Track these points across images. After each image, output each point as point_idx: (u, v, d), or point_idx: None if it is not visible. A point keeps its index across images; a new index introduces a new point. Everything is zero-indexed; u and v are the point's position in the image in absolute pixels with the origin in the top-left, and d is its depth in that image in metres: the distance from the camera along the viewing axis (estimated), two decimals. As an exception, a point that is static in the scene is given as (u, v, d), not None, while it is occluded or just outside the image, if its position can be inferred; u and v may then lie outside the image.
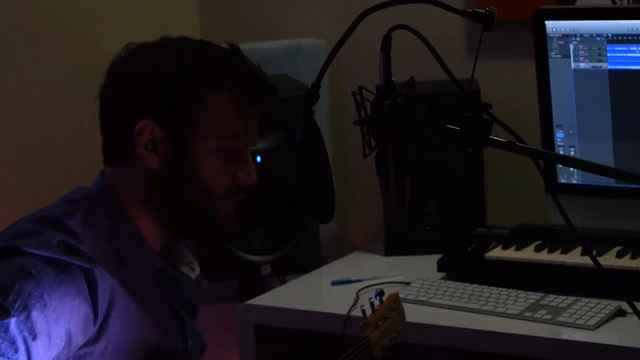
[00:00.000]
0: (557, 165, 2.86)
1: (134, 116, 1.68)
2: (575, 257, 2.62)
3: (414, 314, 2.53)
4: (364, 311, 2.12)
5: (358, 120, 1.76)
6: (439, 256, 2.88)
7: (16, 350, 1.42)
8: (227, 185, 1.71)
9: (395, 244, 3.13)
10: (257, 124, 1.76)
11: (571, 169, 2.84)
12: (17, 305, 1.46)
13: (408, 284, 2.74)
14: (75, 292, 1.54)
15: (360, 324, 2.11)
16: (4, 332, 1.42)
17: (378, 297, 2.18)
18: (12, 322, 1.43)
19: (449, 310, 2.56)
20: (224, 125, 1.70)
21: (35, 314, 1.47)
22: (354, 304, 2.60)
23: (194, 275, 1.85)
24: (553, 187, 2.79)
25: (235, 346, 2.85)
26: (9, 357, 1.40)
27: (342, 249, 3.36)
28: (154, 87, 1.67)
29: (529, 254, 2.71)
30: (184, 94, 1.67)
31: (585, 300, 2.46)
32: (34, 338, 1.45)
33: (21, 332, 1.44)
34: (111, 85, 1.72)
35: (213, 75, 1.68)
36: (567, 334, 2.34)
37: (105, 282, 1.60)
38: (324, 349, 2.06)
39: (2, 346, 1.40)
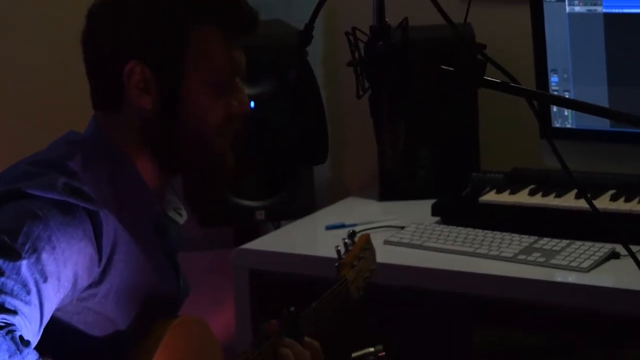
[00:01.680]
0: (552, 109, 2.86)
1: (121, 58, 1.67)
2: (570, 201, 2.62)
3: (408, 257, 2.55)
4: (338, 252, 2.14)
5: (352, 61, 1.75)
6: (433, 201, 2.88)
7: (28, 292, 1.41)
8: (221, 117, 1.71)
9: (390, 189, 3.14)
10: (245, 55, 1.75)
11: (565, 113, 2.84)
12: (27, 247, 1.45)
13: (402, 228, 2.75)
14: (82, 234, 1.54)
15: (336, 264, 2.12)
16: (16, 274, 1.41)
17: (350, 238, 2.18)
18: (24, 264, 1.43)
19: (443, 253, 2.57)
20: (211, 58, 1.69)
21: (45, 256, 1.46)
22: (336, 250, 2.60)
23: (181, 220, 1.86)
24: (547, 131, 2.79)
25: (230, 291, 2.86)
26: (21, 299, 1.40)
27: (336, 195, 3.36)
28: (139, 27, 1.66)
29: (523, 197, 2.71)
30: (169, 30, 1.66)
31: (579, 243, 2.47)
32: (45, 280, 1.45)
33: (32, 274, 1.43)
34: (94, 30, 1.71)
35: (196, 9, 1.68)
36: (561, 277, 2.35)
37: (109, 225, 1.60)
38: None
39: (15, 288, 1.40)
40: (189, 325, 1.73)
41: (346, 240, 2.16)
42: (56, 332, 1.56)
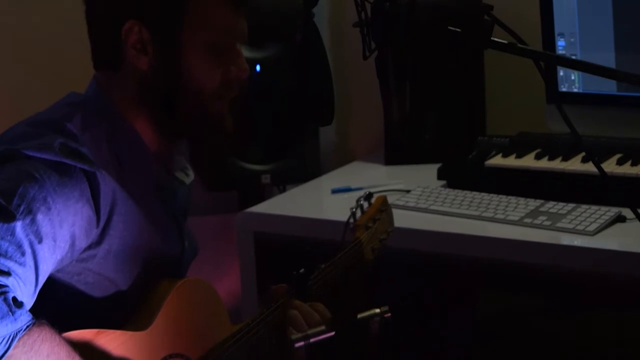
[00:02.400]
0: (558, 73, 2.84)
1: (120, 18, 1.66)
2: (576, 165, 2.62)
3: (413, 220, 2.54)
4: (353, 214, 2.12)
5: (358, 22, 1.74)
6: (438, 165, 2.88)
7: (23, 254, 1.40)
8: (218, 81, 1.70)
9: (395, 153, 3.13)
10: (246, 20, 1.74)
11: (572, 77, 2.83)
12: (21, 208, 1.44)
13: (408, 191, 2.74)
14: (79, 195, 1.53)
15: (350, 226, 2.11)
16: (10, 235, 1.40)
17: (367, 200, 2.18)
18: (18, 225, 1.42)
19: (449, 217, 2.56)
20: (211, 20, 1.68)
21: (40, 217, 1.45)
22: (351, 211, 2.59)
23: (188, 180, 1.85)
24: (554, 95, 2.78)
25: (235, 256, 2.86)
26: (16, 260, 1.39)
27: (342, 160, 3.36)
28: None
29: (529, 161, 2.70)
30: None
31: (584, 206, 2.46)
32: (40, 241, 1.44)
33: (27, 235, 1.42)
34: None
35: None
36: (567, 240, 2.35)
37: (107, 185, 1.59)
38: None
39: (9, 249, 1.39)
40: (193, 286, 1.73)
41: (362, 202, 2.15)
42: (57, 293, 1.56)
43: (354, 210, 2.12)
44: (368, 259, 2.10)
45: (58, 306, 1.53)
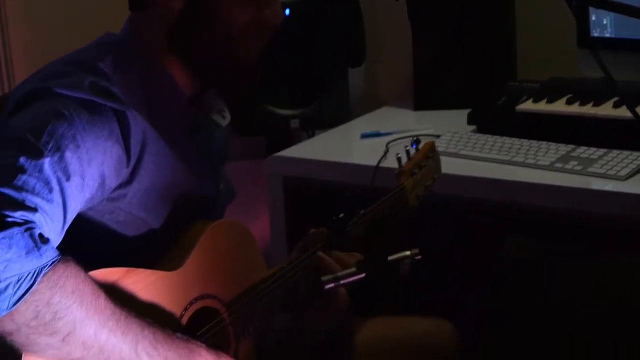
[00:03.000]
0: (590, 18, 2.81)
1: None
2: (608, 110, 2.59)
3: (443, 165, 2.52)
4: (399, 159, 2.10)
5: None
6: (469, 111, 2.87)
7: (50, 191, 1.40)
8: (252, 26, 1.69)
9: (425, 98, 3.12)
10: None
11: (605, 22, 2.80)
12: (50, 146, 1.43)
13: (438, 136, 2.73)
14: (108, 134, 1.53)
15: (396, 172, 2.10)
16: (38, 172, 1.39)
17: (415, 146, 2.16)
18: (46, 162, 1.41)
19: (479, 162, 2.55)
20: None
21: (68, 155, 1.45)
22: (384, 156, 2.59)
23: (224, 123, 1.85)
24: (586, 40, 2.75)
25: (264, 201, 2.87)
26: (43, 197, 1.38)
27: (371, 106, 3.35)
28: None
29: (560, 106, 2.68)
30: None
31: (616, 152, 2.44)
32: (68, 179, 1.44)
33: (55, 172, 1.42)
34: None
35: None
36: (598, 185, 2.33)
37: (138, 125, 1.59)
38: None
39: (37, 186, 1.38)
40: (228, 227, 1.73)
41: (409, 148, 2.13)
42: (90, 232, 1.57)
43: (399, 156, 2.11)
44: (412, 206, 2.09)
45: (91, 245, 1.54)
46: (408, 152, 2.12)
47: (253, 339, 1.76)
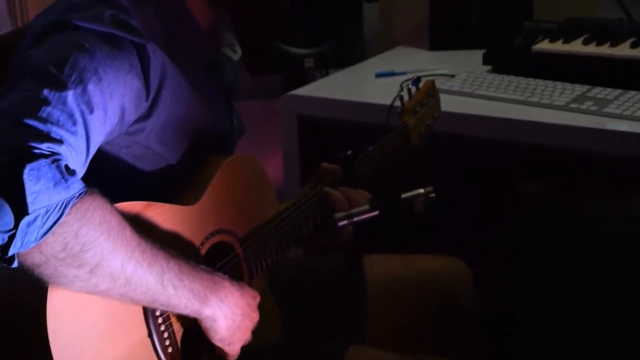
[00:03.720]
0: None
1: None
2: (625, 50, 2.57)
3: (458, 105, 2.53)
4: (401, 97, 2.11)
5: None
6: (484, 51, 2.85)
7: (74, 123, 1.39)
8: None
9: (440, 38, 3.11)
10: None
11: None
12: (73, 78, 1.42)
13: (453, 76, 2.72)
14: (129, 67, 1.51)
15: (398, 110, 2.10)
16: (62, 104, 1.38)
17: (415, 84, 2.16)
18: (70, 94, 1.39)
19: (494, 101, 2.54)
20: None
21: (91, 87, 1.43)
22: (398, 95, 2.58)
23: (235, 57, 1.84)
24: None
25: (277, 141, 2.87)
26: (67, 129, 1.38)
27: (385, 45, 3.33)
28: None
29: (576, 46, 2.67)
30: None
31: (632, 92, 2.43)
32: (91, 111, 1.42)
33: (78, 105, 1.40)
34: None
35: None
36: (613, 125, 2.32)
37: (157, 59, 1.57)
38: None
39: (61, 118, 1.37)
40: (242, 162, 1.74)
41: (410, 86, 2.13)
42: (106, 166, 1.57)
43: (401, 94, 2.11)
44: (414, 144, 2.10)
45: (106, 180, 1.53)
46: (409, 91, 2.13)
47: (265, 274, 1.77)
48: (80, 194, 1.31)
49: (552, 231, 2.39)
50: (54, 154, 1.30)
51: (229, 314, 1.52)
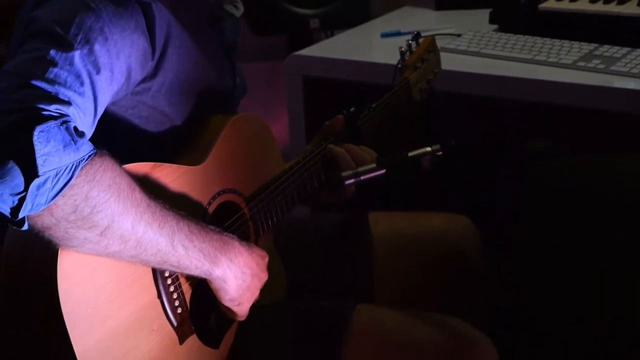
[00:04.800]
0: None
1: None
2: (632, 8, 2.56)
3: (464, 64, 2.52)
4: (402, 53, 2.11)
5: None
6: (490, 10, 2.83)
7: (82, 84, 1.37)
8: None
9: (447, -3, 3.09)
10: None
11: None
12: (79, 38, 1.40)
13: (459, 35, 2.71)
14: (134, 26, 1.50)
15: (399, 66, 2.10)
16: (69, 65, 1.37)
17: (415, 39, 2.15)
18: (76, 55, 1.38)
19: (501, 60, 2.53)
20: None
21: (97, 47, 1.42)
22: (400, 53, 2.57)
23: (238, 13, 1.83)
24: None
25: (283, 103, 2.86)
26: (75, 90, 1.37)
27: (391, 5, 3.31)
28: None
29: (583, 4, 2.65)
30: None
31: (640, 50, 2.43)
32: (98, 72, 1.41)
33: (85, 65, 1.39)
34: None
35: None
36: (620, 83, 2.31)
37: (162, 18, 1.56)
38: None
39: (68, 79, 1.36)
40: (247, 121, 1.73)
41: (410, 42, 2.13)
42: (112, 128, 1.56)
43: (402, 50, 2.11)
44: (417, 100, 2.10)
45: (112, 141, 1.53)
46: (409, 46, 2.12)
47: (271, 233, 1.77)
48: (89, 156, 1.30)
49: (558, 189, 2.38)
50: (62, 115, 1.29)
51: (238, 274, 1.53)
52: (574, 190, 2.32)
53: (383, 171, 1.78)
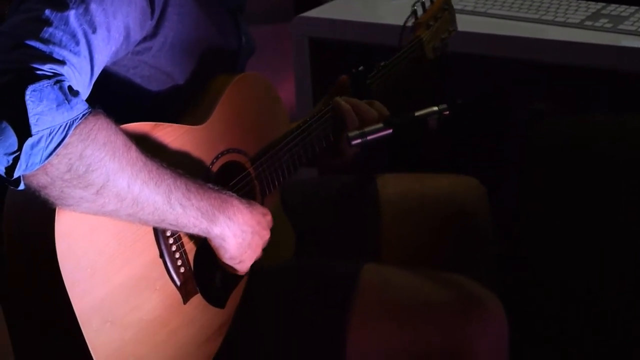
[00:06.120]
0: None
1: None
2: (640, -34, 2.54)
3: (471, 24, 2.50)
4: (415, 11, 2.09)
5: None
6: (498, -31, 2.81)
7: (77, 43, 1.37)
8: None
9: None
10: None
11: None
12: None
13: (466, -5, 2.69)
14: (132, -15, 1.50)
15: (412, 24, 2.08)
16: (64, 24, 1.36)
17: None
18: (72, 14, 1.37)
19: (508, 20, 2.52)
20: None
21: (93, 6, 1.41)
22: (410, 16, 2.55)
23: None
24: None
25: (289, 65, 2.85)
26: (70, 50, 1.36)
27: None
28: None
29: (591, -37, 2.63)
30: None
31: (648, 8, 2.41)
32: (94, 31, 1.40)
33: (81, 24, 1.38)
34: None
35: None
36: (628, 42, 2.30)
37: (161, -24, 1.55)
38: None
39: (63, 39, 1.35)
40: (251, 80, 1.72)
41: (423, 0, 2.11)
42: (114, 88, 1.55)
43: (414, 7, 2.09)
44: (429, 58, 2.07)
45: (115, 101, 1.52)
46: (423, 5, 2.10)
47: (278, 193, 1.76)
48: (84, 115, 1.30)
49: (562, 148, 2.37)
50: (56, 74, 1.29)
51: (238, 232, 1.52)
52: (579, 149, 2.31)
53: (390, 131, 1.76)
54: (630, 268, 2.08)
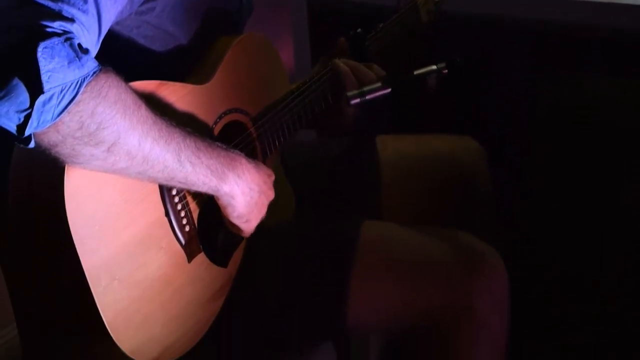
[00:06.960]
0: None
1: None
2: None
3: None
4: None
5: None
6: None
7: (85, 1, 1.35)
8: None
9: None
10: None
11: None
12: None
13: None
14: (137, -54, 1.50)
15: None
16: None
17: None
18: None
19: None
20: None
21: None
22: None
23: None
24: None
25: (288, 28, 2.84)
26: (79, 8, 1.35)
27: None
28: None
29: None
30: None
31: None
32: None
33: None
34: None
35: None
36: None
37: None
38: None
39: None
40: (253, 41, 1.73)
41: None
42: (117, 47, 1.55)
43: None
44: (424, 21, 2.08)
45: (118, 61, 1.52)
46: None
47: (278, 154, 1.77)
48: (94, 72, 1.30)
49: (566, 107, 2.38)
50: (66, 32, 1.28)
51: (246, 190, 1.53)
52: (583, 108, 2.31)
53: (389, 90, 1.77)
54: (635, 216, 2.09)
